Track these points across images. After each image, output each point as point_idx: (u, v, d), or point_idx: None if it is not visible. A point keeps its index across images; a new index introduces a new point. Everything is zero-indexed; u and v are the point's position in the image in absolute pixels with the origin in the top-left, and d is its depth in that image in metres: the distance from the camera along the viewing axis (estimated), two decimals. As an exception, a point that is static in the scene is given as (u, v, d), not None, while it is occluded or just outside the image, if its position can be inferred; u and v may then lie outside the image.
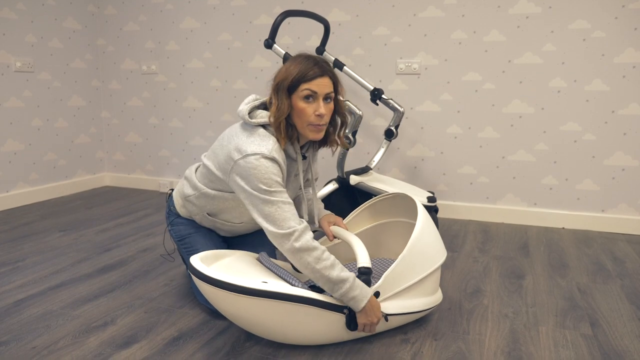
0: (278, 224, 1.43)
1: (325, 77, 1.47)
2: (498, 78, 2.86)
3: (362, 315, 1.46)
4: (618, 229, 2.77)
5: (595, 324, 1.70)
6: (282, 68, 1.51)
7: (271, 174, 1.44)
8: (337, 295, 1.43)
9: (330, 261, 1.43)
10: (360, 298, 1.43)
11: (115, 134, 3.88)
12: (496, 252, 2.42)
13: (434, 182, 3.08)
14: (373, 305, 1.47)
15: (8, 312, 1.74)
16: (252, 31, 3.33)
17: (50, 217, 2.98)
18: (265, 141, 1.48)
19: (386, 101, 2.67)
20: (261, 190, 1.44)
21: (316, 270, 1.42)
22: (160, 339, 1.57)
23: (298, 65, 1.47)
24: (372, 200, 1.88)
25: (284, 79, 1.47)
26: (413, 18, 2.96)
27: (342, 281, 1.42)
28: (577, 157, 2.79)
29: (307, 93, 1.46)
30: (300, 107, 1.47)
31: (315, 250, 1.42)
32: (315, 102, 1.47)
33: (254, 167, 1.44)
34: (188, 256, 1.78)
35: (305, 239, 1.43)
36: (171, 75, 3.62)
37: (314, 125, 1.49)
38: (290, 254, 1.44)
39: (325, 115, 1.48)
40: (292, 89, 1.47)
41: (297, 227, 1.43)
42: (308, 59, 1.48)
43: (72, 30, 3.58)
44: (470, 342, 1.57)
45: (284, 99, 1.47)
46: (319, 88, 1.46)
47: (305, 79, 1.45)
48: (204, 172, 1.68)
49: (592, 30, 2.66)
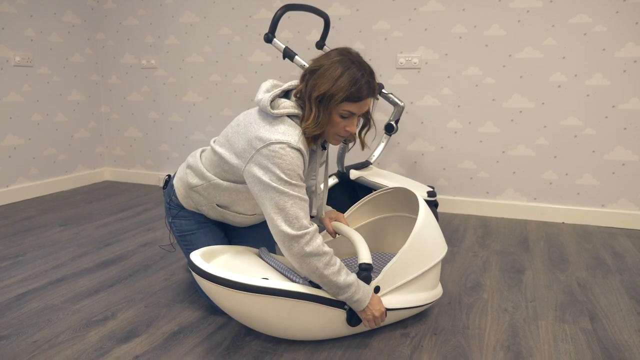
0: (291, 220, 1.36)
1: (370, 98, 1.43)
2: (498, 72, 2.85)
3: (363, 313, 1.46)
4: (618, 224, 2.77)
5: (594, 318, 1.70)
6: (329, 75, 1.38)
7: (295, 166, 1.37)
8: (341, 298, 1.42)
9: (337, 266, 1.40)
10: (363, 299, 1.43)
11: (115, 128, 3.87)
12: (496, 247, 2.42)
13: (434, 177, 3.08)
14: (374, 302, 1.46)
15: (9, 307, 1.75)
16: (252, 25, 3.32)
17: (50, 212, 2.98)
18: (291, 130, 1.40)
19: (386, 95, 2.67)
20: (281, 181, 1.36)
21: (324, 275, 1.38)
22: (161, 333, 1.58)
23: (348, 79, 1.37)
24: (372, 195, 1.88)
25: (331, 94, 1.38)
26: (413, 12, 2.95)
27: (348, 286, 1.40)
28: (577, 152, 2.79)
29: (347, 113, 1.42)
30: (335, 121, 1.43)
31: (325, 256, 1.38)
32: (350, 119, 1.44)
33: (279, 156, 1.36)
34: (188, 253, 1.77)
35: (316, 243, 1.37)
36: (171, 70, 3.61)
37: (340, 136, 1.48)
38: (299, 257, 1.37)
39: (353, 132, 1.47)
40: (333, 104, 1.40)
41: (309, 229, 1.37)
42: (354, 74, 1.38)
43: (72, 25, 3.57)
44: (470, 337, 1.57)
45: (325, 112, 1.40)
46: (360, 109, 1.43)
47: (352, 99, 1.39)
48: (215, 161, 1.57)
49: (593, 25, 2.65)
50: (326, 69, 1.39)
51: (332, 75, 1.38)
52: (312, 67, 1.43)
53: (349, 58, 1.41)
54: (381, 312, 1.47)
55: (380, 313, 1.47)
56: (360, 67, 1.40)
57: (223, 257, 1.58)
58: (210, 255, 1.56)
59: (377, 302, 1.47)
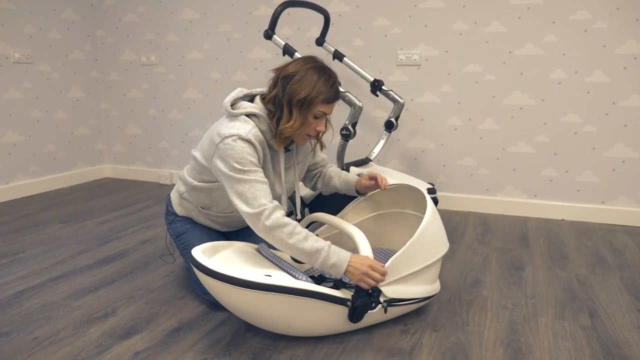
0: (250, 202, 1.47)
1: (337, 99, 1.59)
2: (499, 69, 2.85)
3: (351, 275, 1.44)
4: (618, 221, 2.77)
5: (594, 315, 1.70)
6: (308, 80, 1.52)
7: (246, 154, 1.50)
8: (317, 266, 1.46)
9: (303, 234, 1.46)
10: (340, 263, 1.43)
11: (115, 125, 3.87)
12: (496, 244, 2.43)
13: (434, 174, 3.08)
14: (355, 262, 1.44)
15: (9, 303, 1.75)
16: (252, 22, 3.32)
17: (50, 209, 2.98)
18: (244, 125, 1.54)
19: (386, 92, 2.67)
20: (236, 170, 1.49)
21: (290, 244, 1.45)
22: (161, 329, 1.58)
23: (324, 85, 1.53)
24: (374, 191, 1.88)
25: (311, 97, 1.51)
26: (413, 9, 2.95)
27: (317, 251, 1.44)
28: (578, 149, 2.79)
29: (321, 114, 1.56)
30: (309, 122, 1.56)
31: (286, 226, 1.46)
32: (321, 120, 1.58)
33: (231, 147, 1.50)
34: (185, 252, 1.81)
35: (275, 216, 1.46)
36: (171, 67, 3.61)
37: (310, 136, 1.61)
38: (264, 232, 1.47)
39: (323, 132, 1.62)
40: (311, 106, 1.53)
41: (267, 205, 1.47)
42: (331, 82, 1.55)
43: (71, 21, 3.56)
44: (470, 333, 1.57)
45: (302, 114, 1.54)
46: (330, 110, 1.58)
47: (326, 101, 1.54)
48: (193, 165, 1.73)
49: (594, 21, 2.65)
50: (303, 74, 1.52)
51: (311, 81, 1.52)
52: (285, 74, 1.55)
53: (319, 65, 1.56)
54: (369, 265, 1.43)
55: (368, 266, 1.42)
56: (330, 73, 1.57)
57: (224, 253, 1.59)
58: (211, 251, 1.56)
59: (359, 259, 1.44)
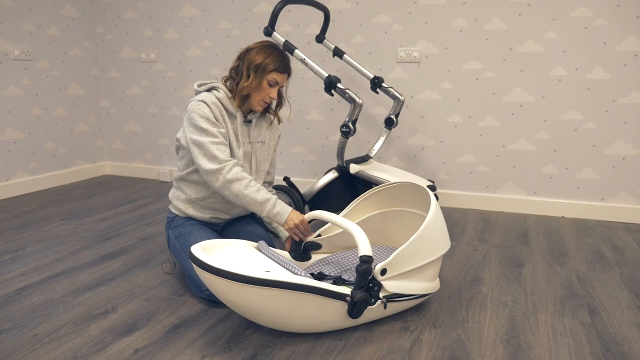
0: (211, 159, 1.71)
1: (287, 73, 1.89)
2: (499, 66, 2.85)
3: (286, 225, 1.75)
4: (618, 218, 2.77)
5: (593, 312, 1.71)
6: (263, 52, 1.82)
7: (205, 111, 1.76)
8: (265, 214, 1.74)
9: (256, 187, 1.74)
10: (283, 212, 1.75)
11: (115, 122, 3.87)
12: (496, 241, 2.43)
13: (434, 171, 3.08)
14: (292, 215, 1.75)
15: (9, 300, 1.75)
16: (252, 19, 3.31)
17: (50, 206, 2.98)
18: (203, 94, 1.82)
19: (386, 89, 2.66)
20: (198, 129, 1.74)
21: (246, 195, 1.71)
22: (161, 326, 1.58)
23: (277, 58, 1.83)
24: (377, 189, 1.88)
25: (265, 64, 1.81)
26: (414, 6, 2.94)
27: (267, 200, 1.74)
28: (578, 146, 2.79)
29: (273, 81, 1.84)
30: (262, 87, 1.84)
31: (245, 179, 1.73)
32: (273, 88, 1.86)
33: (192, 109, 1.77)
34: (183, 252, 1.83)
35: (235, 171, 1.72)
36: (170, 64, 3.60)
37: (265, 102, 1.88)
38: (224, 185, 1.71)
39: (274, 99, 1.90)
40: (265, 73, 1.82)
41: (228, 162, 1.72)
42: (283, 57, 1.86)
43: (71, 18, 3.55)
44: (470, 330, 1.58)
45: (257, 77, 1.81)
46: (282, 80, 1.87)
47: (279, 70, 1.84)
48: (179, 154, 1.92)
49: (594, 18, 2.64)
50: (260, 48, 1.85)
51: (266, 52, 1.84)
52: (247, 48, 1.87)
53: (275, 45, 1.89)
54: (300, 219, 1.74)
55: (299, 220, 1.74)
56: (283, 51, 1.89)
57: (223, 249, 1.59)
58: (210, 248, 1.56)
59: (295, 215, 1.75)
